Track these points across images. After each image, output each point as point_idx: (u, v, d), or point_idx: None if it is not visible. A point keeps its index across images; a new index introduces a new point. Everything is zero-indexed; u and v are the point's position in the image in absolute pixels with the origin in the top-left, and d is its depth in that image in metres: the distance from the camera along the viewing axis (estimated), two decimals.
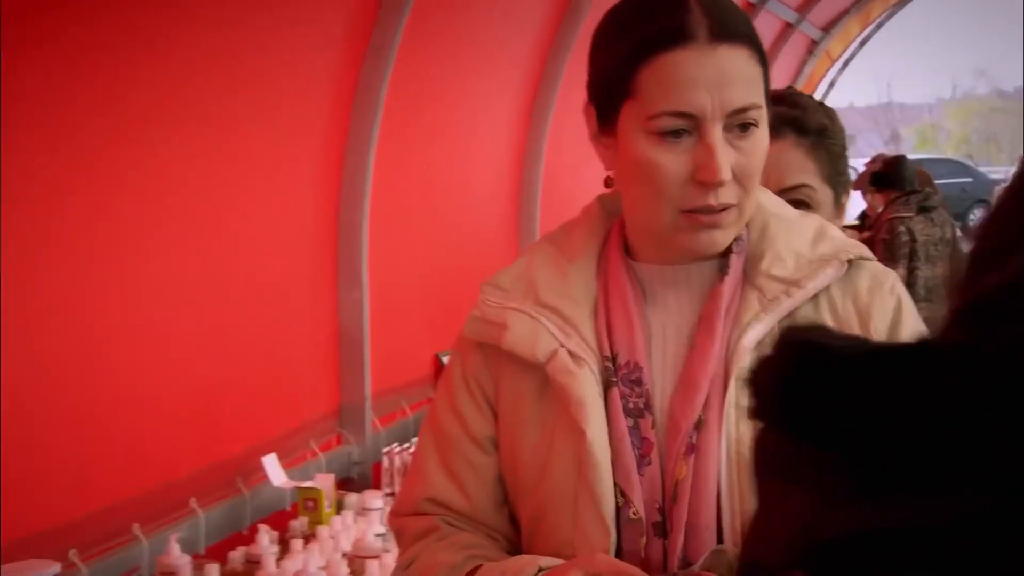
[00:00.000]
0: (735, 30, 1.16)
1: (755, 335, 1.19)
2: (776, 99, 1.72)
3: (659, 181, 1.15)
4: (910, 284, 5.58)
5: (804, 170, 1.66)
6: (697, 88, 1.13)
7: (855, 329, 1.22)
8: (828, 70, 9.93)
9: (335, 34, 3.21)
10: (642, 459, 1.18)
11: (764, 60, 1.19)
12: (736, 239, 1.23)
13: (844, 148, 1.74)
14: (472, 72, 4.03)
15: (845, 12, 9.25)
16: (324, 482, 2.92)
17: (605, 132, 1.21)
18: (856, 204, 5.17)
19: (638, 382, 1.21)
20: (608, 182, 1.26)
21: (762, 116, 1.18)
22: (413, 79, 3.45)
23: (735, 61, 1.15)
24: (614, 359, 1.22)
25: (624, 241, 1.27)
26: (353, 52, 3.27)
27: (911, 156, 6.93)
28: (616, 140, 1.20)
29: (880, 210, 5.58)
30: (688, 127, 1.15)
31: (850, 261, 1.23)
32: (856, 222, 6.75)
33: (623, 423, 1.19)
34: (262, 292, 3.03)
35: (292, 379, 3.18)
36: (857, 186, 5.71)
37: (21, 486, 2.25)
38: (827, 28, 9.17)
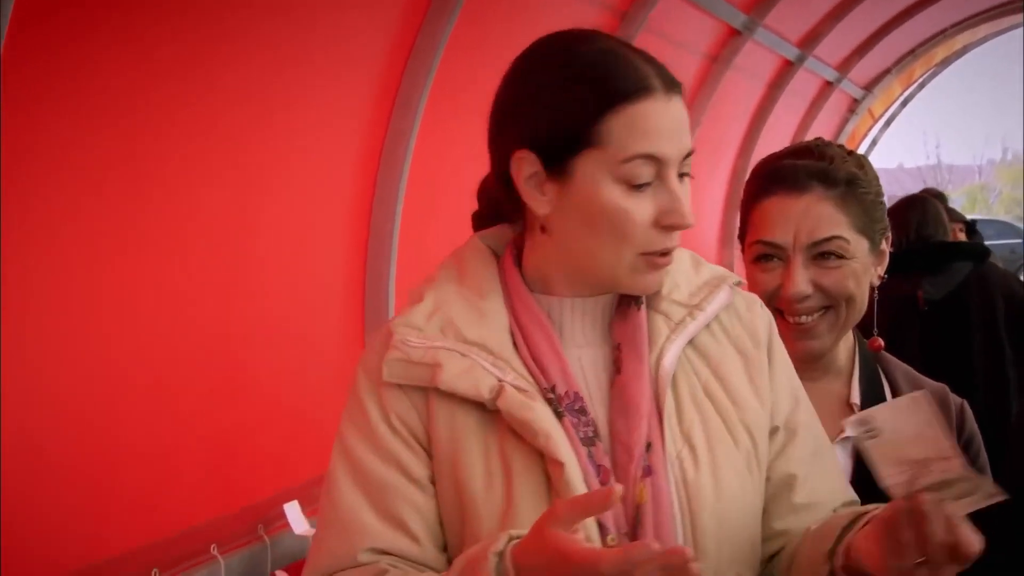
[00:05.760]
0: (678, 82, 1.25)
1: (672, 357, 1.27)
2: (802, 152, 1.72)
3: (626, 225, 1.22)
4: None
5: (834, 222, 1.66)
6: (662, 135, 1.22)
7: (747, 345, 1.34)
8: (870, 129, 9.90)
9: (365, 81, 3.25)
10: (602, 486, 1.20)
11: None
12: None
13: (878, 195, 1.73)
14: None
15: (887, 71, 9.23)
16: None
17: (551, 179, 1.24)
18: None
19: (583, 411, 1.24)
20: (480, 218, 1.35)
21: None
22: (439, 130, 3.47)
23: (683, 110, 1.25)
24: (552, 390, 1.24)
25: (521, 276, 1.31)
26: (381, 109, 3.30)
27: None
28: (565, 187, 1.23)
29: None
30: (653, 174, 1.21)
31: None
32: None
33: (583, 452, 1.22)
34: (288, 337, 3.04)
35: (316, 426, 3.16)
36: None
37: (36, 532, 2.24)
38: (868, 87, 9.16)
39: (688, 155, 1.23)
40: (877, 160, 10.77)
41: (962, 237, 4.99)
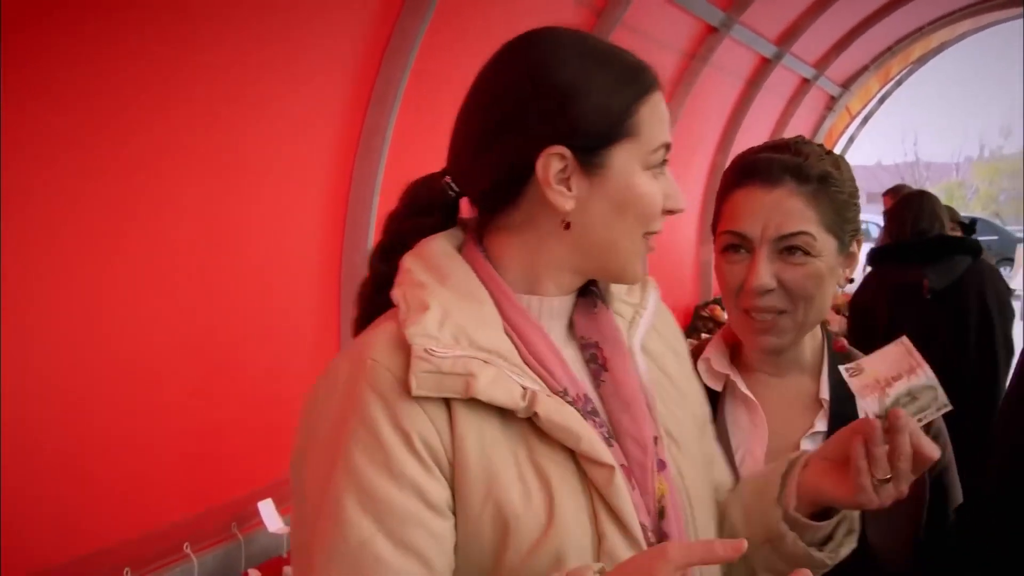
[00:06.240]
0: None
1: (639, 354, 1.31)
2: (779, 147, 1.73)
3: (649, 210, 1.24)
4: None
5: (803, 218, 1.66)
6: (669, 124, 1.27)
7: (673, 341, 1.42)
8: (847, 126, 9.94)
9: (342, 78, 3.24)
10: (629, 482, 1.20)
11: None
12: None
13: (852, 196, 1.73)
14: None
15: (864, 69, 9.27)
16: None
17: (583, 173, 1.21)
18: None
19: (595, 413, 1.23)
20: (406, 220, 1.31)
21: None
22: (416, 117, 3.47)
23: None
24: (565, 393, 1.21)
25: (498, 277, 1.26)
26: (359, 94, 3.29)
27: None
28: (598, 179, 1.21)
29: None
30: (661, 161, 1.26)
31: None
32: None
33: (609, 453, 1.20)
34: (263, 335, 3.03)
35: (291, 423, 3.15)
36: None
37: (13, 529, 2.23)
38: (846, 84, 9.19)
39: None
40: (855, 157, 10.82)
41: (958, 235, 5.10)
